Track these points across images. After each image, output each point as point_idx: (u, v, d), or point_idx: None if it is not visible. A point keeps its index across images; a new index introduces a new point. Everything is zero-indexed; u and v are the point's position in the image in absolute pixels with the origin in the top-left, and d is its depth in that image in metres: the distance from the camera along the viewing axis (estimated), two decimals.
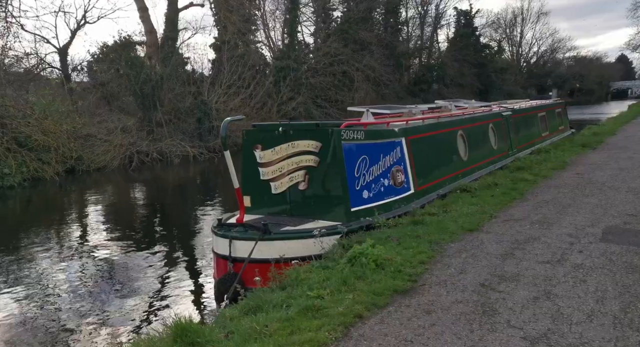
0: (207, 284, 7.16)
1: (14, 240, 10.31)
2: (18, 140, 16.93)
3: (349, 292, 4.07)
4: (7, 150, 16.36)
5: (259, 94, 27.87)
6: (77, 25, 26.10)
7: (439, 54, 48.50)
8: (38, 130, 17.51)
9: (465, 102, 13.61)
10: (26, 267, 8.25)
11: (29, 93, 20.54)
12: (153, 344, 3.55)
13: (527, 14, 69.27)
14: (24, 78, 23.07)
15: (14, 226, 12.02)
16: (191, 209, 13.27)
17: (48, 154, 17.49)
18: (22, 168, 16.45)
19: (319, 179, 6.45)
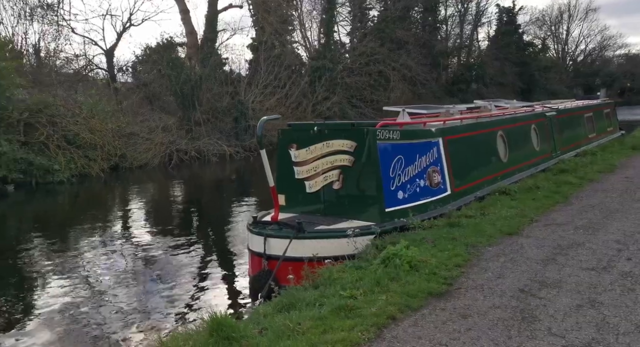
0: (242, 280, 7.29)
1: (63, 233, 10.86)
2: (67, 138, 17.79)
3: (382, 293, 4.04)
4: (57, 148, 17.24)
5: (295, 94, 28.08)
6: (123, 27, 27.19)
7: (479, 52, 47.23)
8: (85, 128, 18.34)
9: (506, 102, 13.21)
10: (73, 260, 8.67)
11: (78, 93, 21.55)
12: (190, 336, 3.64)
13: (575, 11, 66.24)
14: (74, 79, 24.22)
15: (63, 220, 12.67)
16: (227, 207, 13.55)
17: (94, 152, 18.30)
18: (71, 164, 17.28)
19: (353, 178, 6.43)
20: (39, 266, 8.40)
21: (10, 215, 13.58)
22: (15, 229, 11.98)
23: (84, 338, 5.56)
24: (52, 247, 9.62)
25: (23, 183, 15.81)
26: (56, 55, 24.90)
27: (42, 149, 16.94)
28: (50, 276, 7.77)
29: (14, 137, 16.30)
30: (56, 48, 24.85)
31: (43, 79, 21.61)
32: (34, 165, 16.08)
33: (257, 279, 5.84)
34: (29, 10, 23.91)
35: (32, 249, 9.77)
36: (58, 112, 18.11)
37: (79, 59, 25.91)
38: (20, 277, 7.97)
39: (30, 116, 17.16)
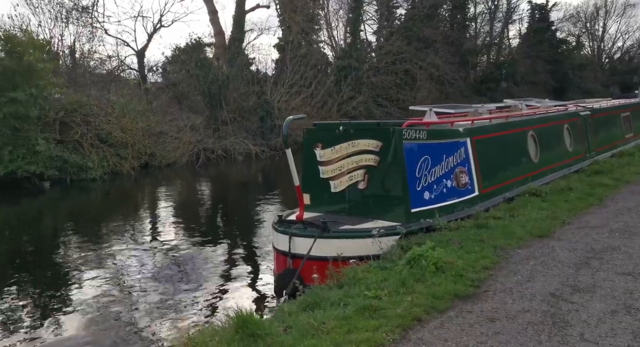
0: (267, 278, 7.35)
1: (96, 229, 11.22)
2: (100, 136, 18.35)
3: (407, 294, 4.00)
4: (90, 146, 17.81)
5: (320, 93, 28.12)
6: (154, 28, 27.85)
7: (510, 50, 46.06)
8: (117, 127, 18.88)
9: (537, 101, 12.85)
10: (105, 255, 8.95)
11: (110, 93, 22.18)
12: (216, 332, 3.70)
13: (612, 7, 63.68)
14: (106, 79, 24.96)
15: (96, 216, 13.08)
16: (252, 205, 13.69)
17: (125, 150, 18.81)
18: (103, 162, 17.82)
19: (378, 178, 6.39)
20: (73, 260, 8.70)
21: (47, 211, 14.12)
22: (51, 224, 12.45)
23: (115, 331, 5.72)
24: (85, 243, 9.95)
25: (58, 180, 16.40)
26: (90, 56, 25.73)
27: (77, 147, 17.53)
28: (83, 270, 8.04)
29: (50, 135, 16.93)
30: (90, 49, 25.68)
31: (78, 79, 22.36)
32: (68, 163, 16.67)
33: (281, 278, 5.88)
34: (65, 13, 24.79)
35: (67, 244, 10.14)
36: (92, 111, 18.70)
37: (112, 60, 26.71)
38: (56, 270, 8.28)
39: (65, 115, 17.79)
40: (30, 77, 15.94)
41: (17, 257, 9.16)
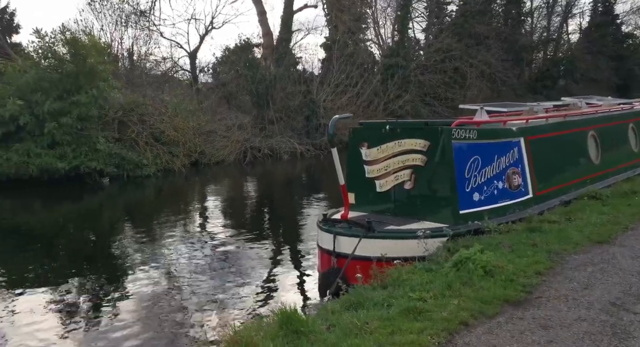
0: (311, 276, 7.41)
1: (149, 224, 11.77)
2: (154, 135, 19.21)
3: (453, 298, 3.90)
4: (145, 144, 18.70)
5: (366, 93, 27.94)
6: (205, 30, 28.77)
7: (569, 46, 43.63)
8: (170, 126, 19.69)
9: (598, 99, 12.10)
10: (157, 249, 9.37)
11: (164, 93, 23.17)
12: (261, 328, 3.77)
13: None
14: (161, 80, 26.09)
15: (149, 211, 13.72)
16: (297, 203, 13.84)
17: (177, 148, 19.58)
18: (157, 160, 18.65)
19: (425, 178, 6.26)
20: (129, 253, 9.18)
21: (106, 205, 14.99)
22: (109, 218, 13.20)
23: (166, 322, 5.97)
24: (140, 237, 10.47)
25: (116, 176, 17.34)
26: (146, 58, 27.00)
27: (133, 145, 18.45)
28: (138, 262, 8.46)
29: (109, 134, 17.92)
30: (147, 51, 26.96)
31: (135, 80, 23.53)
32: (125, 160, 17.58)
33: (325, 276, 5.90)
34: (124, 17, 26.18)
35: (124, 237, 10.71)
36: (147, 111, 19.60)
37: (166, 62, 27.89)
38: (114, 263, 8.77)
39: (123, 115, 18.76)
40: (92, 79, 16.96)
41: (79, 248, 9.80)
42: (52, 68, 16.86)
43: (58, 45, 17.20)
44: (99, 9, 25.60)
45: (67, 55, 17.01)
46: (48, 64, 17.07)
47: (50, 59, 17.13)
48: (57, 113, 15.93)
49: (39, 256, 9.17)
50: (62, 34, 17.48)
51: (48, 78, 16.42)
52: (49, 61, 17.12)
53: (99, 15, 25.72)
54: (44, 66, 16.97)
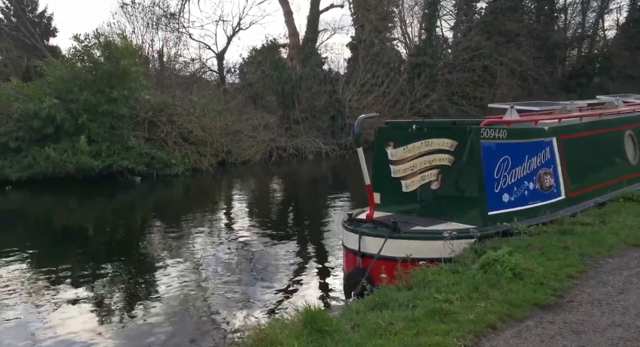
0: (335, 275, 7.42)
1: (177, 221, 12.03)
2: (183, 135, 19.63)
3: (481, 300, 3.82)
4: (174, 144, 19.12)
5: (392, 92, 27.71)
6: (233, 31, 29.19)
7: (604, 42, 41.99)
8: (198, 126, 20.07)
9: (636, 97, 11.62)
10: (185, 246, 9.58)
11: (192, 94, 23.63)
12: (286, 326, 3.79)
13: None
14: (189, 81, 26.63)
15: (178, 209, 14.02)
16: (322, 203, 13.86)
17: (205, 148, 19.94)
18: (185, 159, 19.05)
19: (453, 179, 6.17)
20: (158, 250, 9.42)
21: (137, 203, 15.42)
22: (140, 216, 13.57)
23: (193, 319, 6.10)
24: (168, 234, 10.73)
25: (147, 175, 17.80)
26: (176, 59, 27.61)
27: (162, 145, 18.90)
28: (166, 259, 8.66)
29: (140, 133, 18.42)
30: (176, 53, 27.57)
31: (164, 81, 24.10)
32: (155, 159, 18.03)
33: (350, 276, 5.89)
34: (155, 20, 26.85)
35: (153, 234, 11.00)
36: (176, 111, 20.05)
37: (195, 63, 28.45)
38: (144, 259, 9.01)
39: (153, 115, 19.24)
40: (124, 80, 17.48)
41: (112, 245, 10.12)
42: (87, 70, 17.46)
43: (93, 48, 17.82)
44: (131, 12, 26.37)
45: (102, 57, 17.60)
46: (83, 66, 17.69)
47: (85, 61, 17.77)
48: (91, 107, 16.43)
49: (74, 251, 9.52)
50: (97, 38, 18.10)
51: (83, 78, 17.03)
52: (84, 64, 17.76)
53: (131, 18, 26.49)
54: (79, 68, 17.60)
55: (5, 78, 20.07)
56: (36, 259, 8.87)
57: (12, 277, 7.72)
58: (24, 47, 23.43)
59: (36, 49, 23.62)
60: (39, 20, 28.19)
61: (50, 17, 29.09)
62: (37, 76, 18.64)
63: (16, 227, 11.81)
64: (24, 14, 25.79)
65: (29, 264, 8.60)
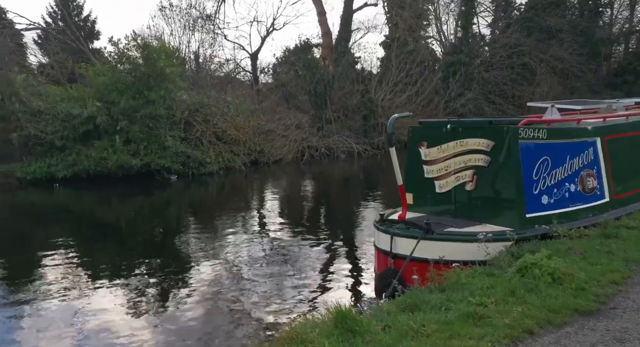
0: (366, 275, 7.38)
1: (211, 219, 12.30)
2: (217, 134, 20.04)
3: (517, 304, 3.71)
4: (209, 143, 19.55)
5: (426, 91, 27.30)
6: (267, 32, 29.56)
7: None
8: (232, 126, 20.44)
9: None
10: (219, 243, 9.77)
11: (226, 94, 24.09)
12: (316, 325, 3.80)
13: None
14: (224, 81, 27.16)
15: (212, 207, 14.33)
16: (354, 202, 13.82)
17: (238, 147, 20.28)
18: (219, 158, 19.45)
19: (488, 180, 6.01)
20: (192, 246, 9.65)
21: (173, 200, 15.86)
22: (176, 212, 13.95)
23: (223, 314, 6.21)
24: (202, 231, 10.99)
25: (182, 173, 18.29)
26: (211, 60, 28.25)
27: (197, 144, 19.36)
28: (200, 255, 8.87)
29: (176, 133, 18.94)
30: (211, 54, 28.21)
31: (200, 82, 24.68)
32: (191, 158, 18.49)
33: (382, 277, 5.85)
34: (192, 22, 27.55)
35: (188, 231, 11.29)
36: (210, 111, 20.48)
37: (229, 63, 28.98)
38: (178, 254, 9.26)
39: (189, 115, 19.74)
40: (161, 81, 18.02)
41: (148, 240, 10.45)
42: (127, 71, 18.12)
43: (132, 50, 18.48)
44: (169, 15, 27.16)
45: (140, 59, 18.21)
46: (123, 68, 18.36)
47: (125, 63, 18.44)
48: (130, 111, 17.08)
49: (113, 245, 9.90)
50: (135, 40, 18.74)
51: (123, 80, 17.69)
52: (124, 66, 18.43)
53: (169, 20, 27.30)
54: (120, 70, 18.28)
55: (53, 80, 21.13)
56: (79, 251, 9.28)
57: (57, 268, 8.12)
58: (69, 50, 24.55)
59: (81, 52, 24.69)
60: (83, 24, 29.47)
61: (94, 21, 30.36)
62: (82, 78, 19.49)
63: (62, 222, 12.40)
64: (70, 18, 27.00)
65: (72, 256, 9.00)
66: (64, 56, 23.37)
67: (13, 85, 17.10)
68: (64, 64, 22.63)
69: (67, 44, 24.90)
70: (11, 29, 24.33)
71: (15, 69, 19.27)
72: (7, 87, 16.90)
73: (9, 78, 17.36)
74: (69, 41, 24.81)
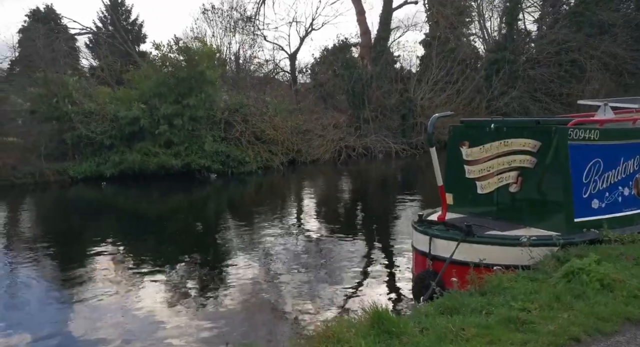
0: (403, 276, 7.29)
1: (249, 216, 12.52)
2: (256, 134, 20.38)
3: (563, 311, 3.56)
4: (248, 142, 19.93)
5: (467, 90, 26.61)
6: (306, 32, 29.77)
7: None
8: (270, 126, 20.73)
9: None
10: (256, 240, 9.93)
11: (265, 94, 24.45)
12: (353, 325, 3.79)
13: None
14: (263, 81, 27.58)
15: (250, 205, 14.59)
16: (391, 202, 13.68)
17: (276, 147, 20.56)
18: (257, 157, 19.78)
19: (534, 182, 5.80)
20: (230, 242, 9.87)
21: (213, 198, 16.29)
22: (215, 210, 14.31)
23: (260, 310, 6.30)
24: (241, 228, 11.21)
25: (222, 172, 18.74)
26: (251, 61, 28.75)
27: (237, 143, 19.77)
28: (237, 252, 9.05)
29: (216, 133, 19.42)
30: (251, 55, 28.72)
31: (239, 83, 25.18)
32: (230, 157, 18.93)
33: (420, 279, 5.76)
34: (233, 24, 28.17)
35: (227, 228, 11.56)
36: (249, 111, 20.86)
37: (268, 64, 29.40)
38: (217, 251, 9.49)
39: (229, 115, 20.19)
40: (202, 83, 18.54)
41: (188, 236, 10.78)
42: (170, 74, 18.76)
43: (174, 53, 19.11)
44: (211, 17, 27.89)
45: (183, 62, 18.81)
46: (167, 71, 19.03)
47: (168, 66, 19.10)
48: (171, 116, 17.74)
49: (156, 241, 10.27)
50: (177, 43, 19.38)
51: (166, 83, 18.33)
52: (167, 68, 19.09)
53: (211, 23, 28.03)
54: (164, 73, 18.94)
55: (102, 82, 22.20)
56: (124, 246, 9.72)
57: (105, 261, 8.54)
58: (118, 53, 25.71)
59: (128, 54, 25.80)
60: (131, 27, 30.78)
61: (141, 25, 31.65)
62: (128, 80, 20.38)
63: (109, 218, 13.03)
64: (119, 22, 28.27)
65: (119, 250, 9.44)
66: (113, 59, 24.49)
67: (67, 87, 18.10)
68: (112, 67, 23.72)
69: (115, 47, 26.09)
70: (65, 34, 25.77)
71: (68, 72, 20.36)
72: (62, 90, 17.90)
73: (63, 81, 18.37)
74: (117, 44, 25.98)
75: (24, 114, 18.87)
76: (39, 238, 10.46)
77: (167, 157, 17.67)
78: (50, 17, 27.19)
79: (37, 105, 18.07)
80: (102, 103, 18.57)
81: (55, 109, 17.70)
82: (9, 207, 14.55)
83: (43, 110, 17.84)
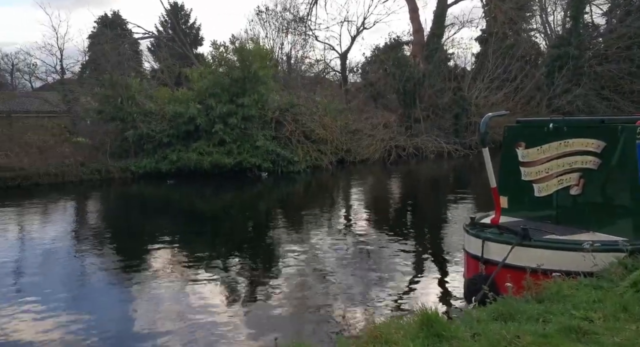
0: (454, 279, 7.09)
1: (298, 215, 12.69)
2: (305, 133, 20.61)
3: (630, 322, 3.32)
4: (297, 142, 20.19)
5: (527, 87, 25.41)
6: (357, 31, 29.69)
7: None
8: (320, 125, 20.87)
9: None
10: (305, 238, 10.05)
11: (315, 94, 24.63)
12: (401, 327, 3.74)
13: None
14: (314, 81, 27.83)
15: (299, 203, 14.80)
16: (442, 204, 13.35)
17: (325, 146, 20.67)
18: (307, 157, 20.00)
19: (598, 184, 5.45)
20: (279, 239, 10.05)
21: (264, 196, 16.67)
22: (265, 207, 14.63)
23: (309, 309, 6.35)
24: (290, 226, 11.38)
25: (272, 171, 19.12)
26: (302, 61, 29.11)
27: (287, 143, 20.08)
28: (287, 249, 9.19)
29: (267, 132, 19.84)
30: (303, 55, 29.07)
31: (291, 82, 25.54)
32: (280, 156, 19.27)
33: (472, 282, 5.59)
34: (285, 24, 28.65)
35: (276, 225, 11.78)
36: (300, 111, 21.12)
37: (319, 64, 29.61)
38: (267, 247, 9.69)
39: (280, 115, 20.55)
40: (255, 83, 19.01)
41: (239, 232, 11.11)
42: (224, 74, 19.39)
43: (229, 53, 19.73)
44: (265, 19, 28.52)
45: (237, 62, 19.38)
46: (222, 71, 19.69)
47: (223, 66, 19.75)
48: (225, 115, 18.34)
49: (209, 236, 10.67)
50: (232, 43, 19.99)
51: (221, 83, 18.97)
52: (223, 68, 19.75)
53: (265, 24, 28.65)
54: (219, 73, 19.62)
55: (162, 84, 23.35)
56: (180, 240, 10.16)
57: (162, 255, 9.00)
58: (177, 56, 26.93)
59: (187, 57, 26.96)
60: (189, 31, 32.15)
61: (199, 28, 32.98)
62: (186, 81, 21.31)
63: (166, 213, 13.67)
64: (178, 26, 29.61)
65: (175, 244, 9.90)
66: (172, 61, 25.68)
67: (130, 89, 19.23)
68: (171, 69, 24.89)
69: (174, 50, 27.34)
70: (130, 38, 27.37)
71: (132, 74, 21.61)
72: (126, 91, 19.04)
73: (127, 82, 19.54)
74: (176, 47, 27.21)
75: (92, 113, 20.24)
76: (105, 231, 11.22)
77: (220, 156, 18.31)
78: (117, 22, 29.02)
79: (104, 106, 19.35)
80: (162, 103, 19.54)
81: (119, 109, 18.87)
82: (78, 201, 15.68)
83: (109, 110, 19.07)
